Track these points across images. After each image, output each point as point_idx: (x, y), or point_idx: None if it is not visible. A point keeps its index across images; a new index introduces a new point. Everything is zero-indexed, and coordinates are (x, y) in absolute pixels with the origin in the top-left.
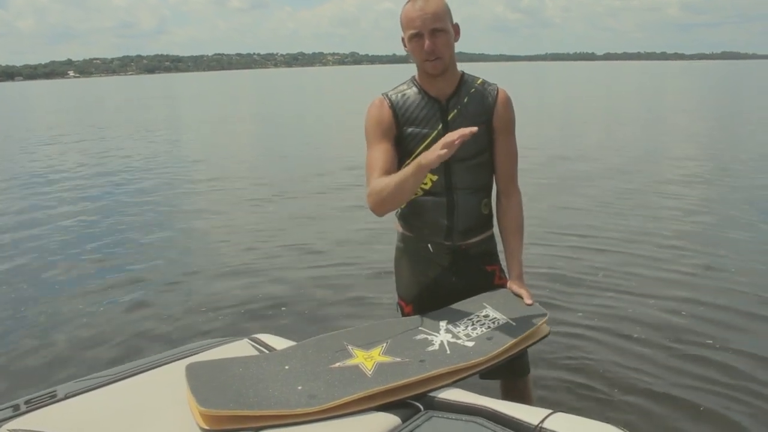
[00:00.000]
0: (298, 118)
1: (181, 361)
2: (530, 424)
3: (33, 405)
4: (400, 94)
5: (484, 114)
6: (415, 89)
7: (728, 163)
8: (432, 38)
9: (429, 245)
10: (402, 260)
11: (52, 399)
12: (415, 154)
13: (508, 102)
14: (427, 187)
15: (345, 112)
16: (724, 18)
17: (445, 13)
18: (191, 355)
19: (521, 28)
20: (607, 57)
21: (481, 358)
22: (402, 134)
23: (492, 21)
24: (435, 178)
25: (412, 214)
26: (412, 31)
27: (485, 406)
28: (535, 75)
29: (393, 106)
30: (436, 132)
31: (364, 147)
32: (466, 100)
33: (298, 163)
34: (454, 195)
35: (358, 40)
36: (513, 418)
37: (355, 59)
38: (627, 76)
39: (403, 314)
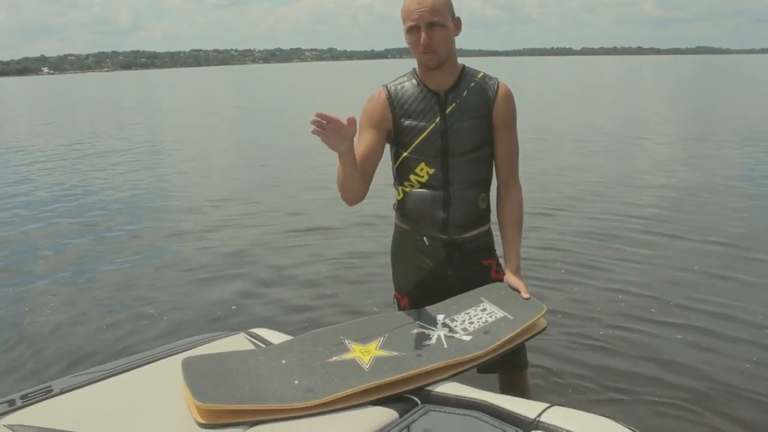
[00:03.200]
0: (284, 114)
1: (177, 355)
2: (528, 417)
3: (29, 400)
4: (399, 86)
5: (483, 108)
6: (414, 81)
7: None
8: (428, 32)
9: (425, 238)
10: (398, 253)
11: (48, 394)
12: (413, 146)
13: (508, 96)
14: (424, 180)
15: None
16: (698, 14)
17: (445, 6)
18: (188, 350)
19: (499, 24)
20: (585, 52)
21: (479, 352)
22: (398, 126)
23: (470, 16)
24: (432, 171)
25: (408, 207)
26: (409, 24)
27: (482, 400)
28: (516, 69)
29: (390, 98)
30: (433, 125)
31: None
32: (465, 93)
33: (286, 156)
34: (450, 188)
35: (336, 35)
36: (510, 411)
37: (333, 55)
38: (611, 70)
39: (400, 307)
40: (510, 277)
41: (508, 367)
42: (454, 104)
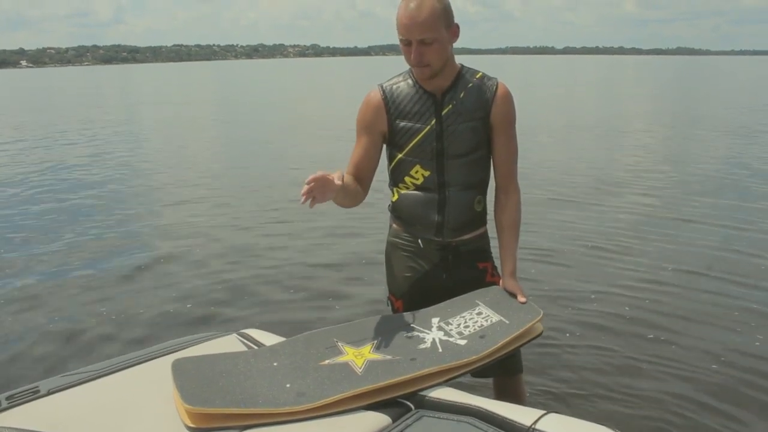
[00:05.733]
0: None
1: (167, 356)
2: (523, 425)
3: (15, 401)
4: (394, 86)
5: (480, 109)
6: (410, 82)
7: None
8: (419, 47)
9: (419, 241)
10: (392, 255)
11: (35, 395)
12: (408, 148)
13: (507, 97)
14: (418, 182)
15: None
16: (677, 14)
17: (438, 19)
18: (178, 351)
19: (481, 22)
20: (567, 51)
21: (474, 357)
22: (394, 128)
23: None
24: (427, 173)
25: (403, 209)
26: (401, 37)
27: (477, 406)
28: (501, 68)
29: (386, 99)
30: (429, 127)
31: (338, 141)
32: (462, 95)
33: (280, 155)
34: (446, 191)
35: (319, 31)
36: (505, 418)
37: (316, 51)
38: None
39: (394, 309)
40: (506, 281)
41: (502, 371)
42: (450, 106)
